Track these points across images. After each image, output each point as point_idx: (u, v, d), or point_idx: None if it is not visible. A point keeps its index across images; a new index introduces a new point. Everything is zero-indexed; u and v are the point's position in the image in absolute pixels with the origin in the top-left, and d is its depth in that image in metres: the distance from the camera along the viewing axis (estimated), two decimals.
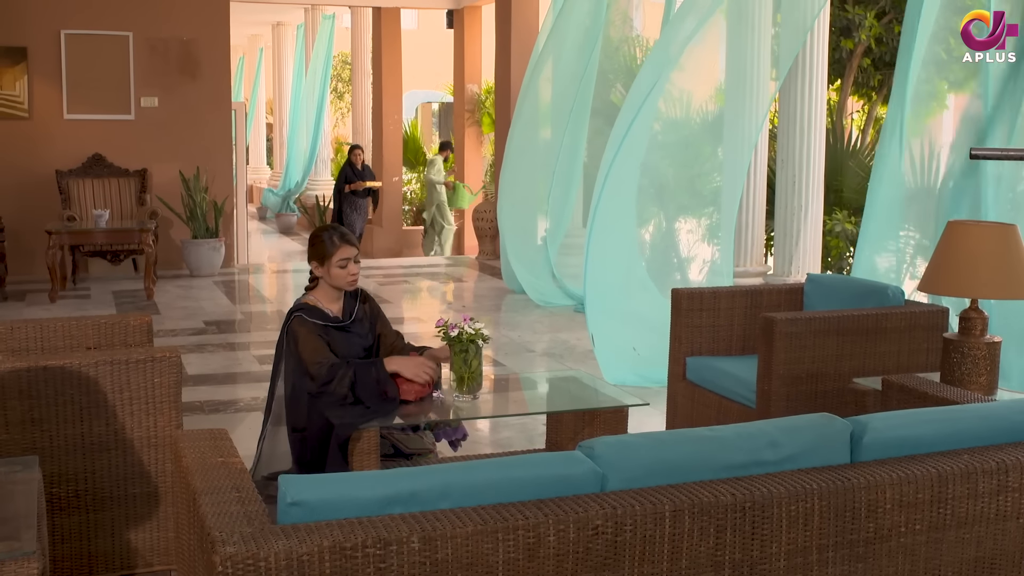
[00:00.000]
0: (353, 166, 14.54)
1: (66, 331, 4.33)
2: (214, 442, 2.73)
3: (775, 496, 2.40)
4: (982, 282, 3.89)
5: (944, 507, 2.57)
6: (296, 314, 4.04)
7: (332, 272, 4.06)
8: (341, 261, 4.06)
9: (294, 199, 19.33)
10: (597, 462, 2.40)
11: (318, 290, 4.13)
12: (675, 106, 9.33)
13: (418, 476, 2.28)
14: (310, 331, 4.00)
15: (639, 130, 7.21)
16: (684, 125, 8.43)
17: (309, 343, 3.98)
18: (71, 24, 10.95)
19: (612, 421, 4.12)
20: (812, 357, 4.60)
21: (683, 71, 8.07)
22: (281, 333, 4.15)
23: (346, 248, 4.07)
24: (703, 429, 2.59)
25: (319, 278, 4.13)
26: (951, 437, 2.70)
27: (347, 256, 4.06)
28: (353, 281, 4.12)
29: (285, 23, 20.91)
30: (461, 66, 15.12)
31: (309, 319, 4.03)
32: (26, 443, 3.56)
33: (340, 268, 4.06)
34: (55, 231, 9.53)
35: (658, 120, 10.13)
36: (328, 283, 4.09)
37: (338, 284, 4.08)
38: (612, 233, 7.17)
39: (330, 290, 4.12)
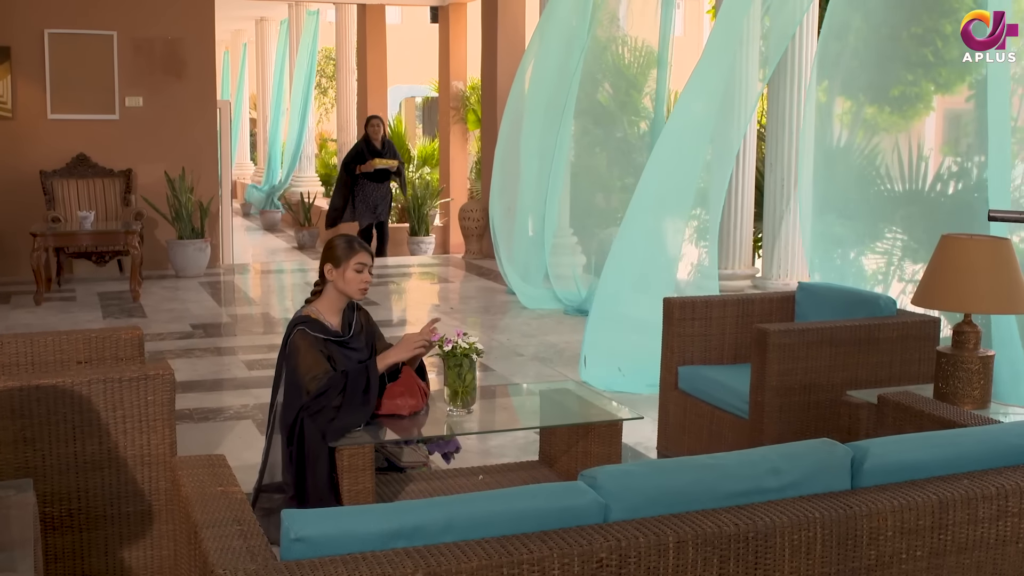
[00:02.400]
0: (370, 142, 11.90)
1: (56, 345, 4.31)
2: (212, 469, 2.71)
3: (778, 525, 2.39)
4: (976, 296, 3.90)
5: (944, 533, 2.58)
6: (299, 327, 4.03)
7: (347, 275, 4.05)
8: (358, 265, 4.06)
9: (278, 195, 19.26)
10: (600, 492, 2.39)
11: (321, 301, 4.12)
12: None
13: (421, 509, 2.26)
14: (311, 345, 3.99)
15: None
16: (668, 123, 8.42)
17: (308, 357, 3.97)
18: (55, 23, 10.87)
19: (607, 434, 4.12)
20: (805, 368, 4.61)
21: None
22: (283, 344, 4.13)
23: (365, 254, 4.08)
24: (704, 457, 2.58)
25: (323, 288, 4.12)
26: (951, 461, 2.71)
27: (365, 262, 4.07)
28: (364, 289, 4.11)
29: (269, 18, 20.82)
30: (446, 63, 15.09)
31: (311, 332, 4.02)
32: (18, 463, 3.53)
33: (356, 272, 4.06)
34: (40, 233, 9.47)
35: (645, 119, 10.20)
36: (339, 289, 4.08)
37: (349, 290, 4.07)
38: (640, 239, 7.13)
39: (334, 300, 4.10)
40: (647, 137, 9.59)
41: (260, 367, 7.17)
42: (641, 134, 9.76)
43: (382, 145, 11.92)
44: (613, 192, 10.09)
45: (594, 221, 9.90)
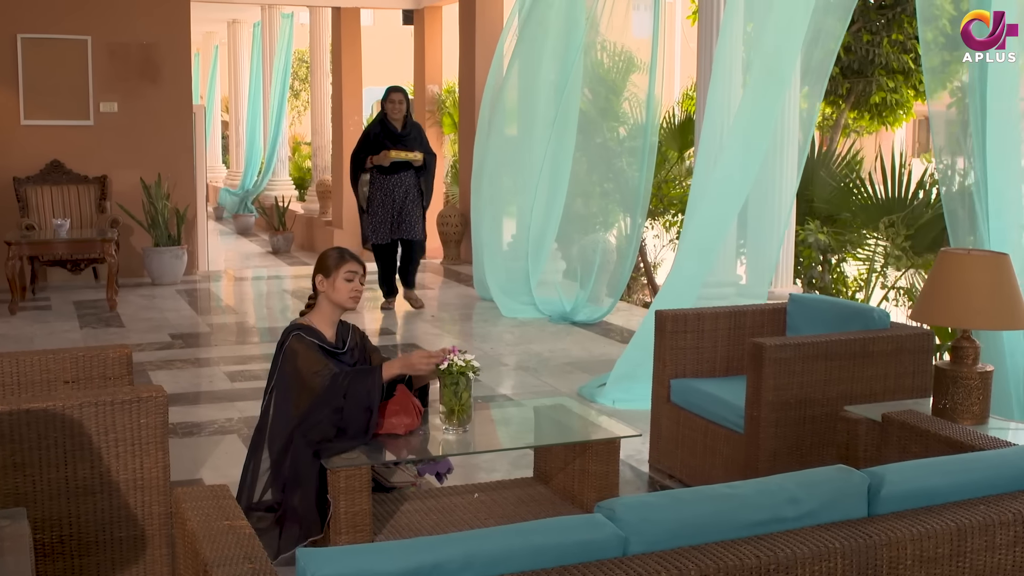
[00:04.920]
0: (388, 123, 8.74)
1: (42, 364, 4.23)
2: (217, 501, 2.65)
3: (799, 556, 2.36)
4: (975, 312, 3.89)
5: (963, 560, 2.55)
6: (295, 332, 3.99)
7: (337, 285, 4.02)
8: (348, 273, 4.03)
9: (252, 199, 19.12)
10: (618, 525, 2.35)
11: (315, 313, 4.08)
12: (640, 109, 9.32)
13: (440, 546, 2.21)
14: (309, 347, 3.95)
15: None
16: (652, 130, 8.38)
17: (309, 356, 3.94)
18: (28, 28, 10.71)
19: (604, 452, 4.08)
20: (800, 382, 4.59)
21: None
22: (276, 353, 4.07)
23: (355, 263, 4.05)
24: (721, 486, 2.55)
25: (316, 301, 4.08)
26: (966, 487, 2.69)
27: (355, 270, 4.03)
28: (356, 297, 4.08)
29: (241, 21, 20.68)
30: (421, 66, 15.03)
31: (307, 337, 3.98)
32: (8, 488, 3.45)
33: (347, 281, 4.02)
34: (15, 242, 9.32)
35: (624, 125, 10.16)
36: (330, 299, 4.04)
37: (340, 299, 4.03)
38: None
39: (328, 313, 4.06)
40: (626, 142, 9.56)
41: (242, 379, 7.09)
42: (620, 139, 9.74)
43: (404, 127, 8.78)
44: (592, 198, 10.06)
45: (574, 227, 9.86)
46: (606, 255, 9.33)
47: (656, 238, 11.89)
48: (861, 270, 8.55)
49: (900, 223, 7.77)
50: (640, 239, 9.39)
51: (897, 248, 7.84)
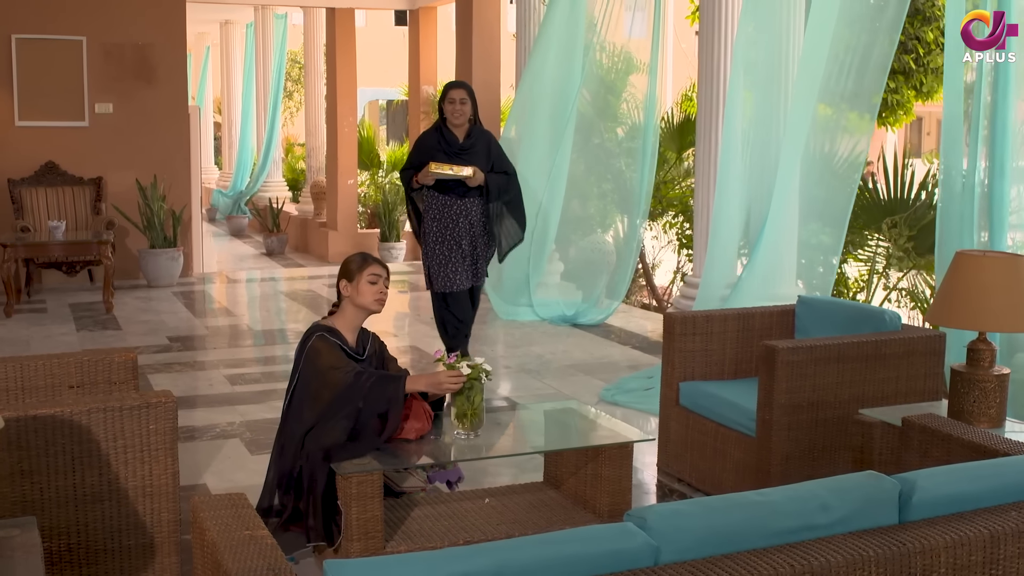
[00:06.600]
0: (446, 131, 6.62)
1: (47, 369, 4.18)
2: (235, 511, 2.59)
3: (832, 565, 2.32)
4: (991, 314, 3.86)
5: (996, 568, 2.51)
6: (318, 333, 3.94)
7: (361, 288, 3.97)
8: (372, 276, 3.98)
9: (245, 201, 19.03)
10: (650, 534, 2.30)
11: (338, 317, 4.03)
12: (638, 110, 9.29)
13: (469, 557, 2.16)
14: (332, 347, 3.91)
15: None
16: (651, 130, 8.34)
17: (332, 355, 3.89)
18: (22, 28, 10.63)
19: (617, 456, 4.02)
20: (813, 385, 4.54)
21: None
22: (297, 354, 4.02)
23: (378, 266, 4.00)
24: (752, 493, 2.50)
25: (340, 305, 4.03)
26: (997, 492, 2.65)
27: (378, 273, 3.98)
28: (381, 300, 4.02)
29: (234, 21, 20.58)
30: (416, 67, 14.95)
31: (331, 337, 3.93)
32: (16, 496, 3.39)
33: (371, 284, 3.97)
34: (10, 244, 9.25)
35: (622, 125, 10.11)
36: (355, 303, 3.99)
37: (365, 302, 3.98)
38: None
39: (352, 318, 4.01)
40: (625, 143, 9.52)
41: (243, 382, 7.02)
42: (619, 140, 9.70)
43: (468, 135, 6.66)
44: (590, 199, 10.02)
45: (571, 228, 9.81)
46: (605, 257, 9.28)
47: (655, 239, 11.85)
48: (862, 271, 8.52)
49: (903, 224, 7.73)
50: (640, 241, 9.35)
51: (899, 249, 7.81)
